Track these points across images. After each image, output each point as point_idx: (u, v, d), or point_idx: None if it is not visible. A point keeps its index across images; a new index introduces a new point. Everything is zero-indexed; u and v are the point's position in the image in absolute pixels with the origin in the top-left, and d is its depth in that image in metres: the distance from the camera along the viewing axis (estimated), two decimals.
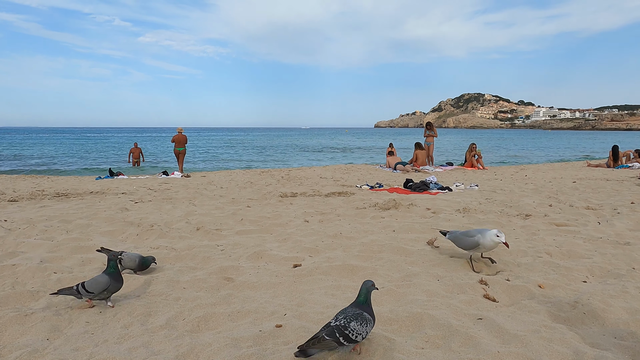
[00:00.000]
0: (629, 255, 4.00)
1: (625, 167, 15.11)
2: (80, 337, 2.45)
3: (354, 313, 2.21)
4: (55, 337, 2.47)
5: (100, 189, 10.17)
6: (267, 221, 5.88)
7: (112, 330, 2.53)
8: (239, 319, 2.72)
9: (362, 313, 2.22)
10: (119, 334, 2.49)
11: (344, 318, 2.19)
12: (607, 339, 2.40)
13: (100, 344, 2.38)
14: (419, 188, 9.36)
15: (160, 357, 2.23)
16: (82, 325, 2.60)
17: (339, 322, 2.17)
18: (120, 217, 6.11)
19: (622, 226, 5.30)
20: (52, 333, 2.50)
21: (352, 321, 2.17)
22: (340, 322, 2.17)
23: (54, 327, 2.57)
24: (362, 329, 2.17)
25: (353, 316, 2.19)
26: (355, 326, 2.15)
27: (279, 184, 11.21)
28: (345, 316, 2.20)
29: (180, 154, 16.15)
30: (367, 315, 2.22)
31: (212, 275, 3.54)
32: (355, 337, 2.15)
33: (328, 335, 2.13)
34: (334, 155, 32.55)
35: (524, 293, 3.10)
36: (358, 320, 2.17)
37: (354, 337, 2.14)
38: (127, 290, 3.24)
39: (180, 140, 16.04)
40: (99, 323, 2.64)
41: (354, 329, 2.14)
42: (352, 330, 2.14)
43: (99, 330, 2.55)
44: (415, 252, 4.21)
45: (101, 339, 2.43)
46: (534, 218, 5.87)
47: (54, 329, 2.54)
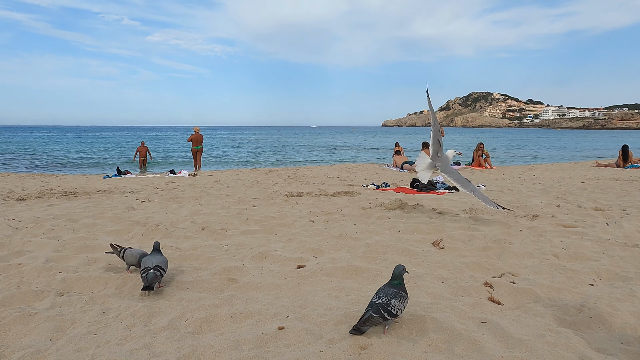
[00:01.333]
0: (638, 257, 3.95)
1: (635, 167, 14.95)
2: (82, 337, 2.46)
3: (392, 292, 2.57)
4: (58, 337, 2.47)
5: (107, 187, 10.23)
6: (273, 221, 5.88)
7: (114, 331, 2.53)
8: (241, 320, 2.71)
9: (399, 292, 2.57)
10: (121, 335, 2.49)
11: (384, 296, 2.55)
12: (614, 344, 2.36)
13: (102, 345, 2.38)
14: (426, 188, 9.32)
15: (161, 358, 2.22)
16: (84, 326, 2.61)
17: (381, 300, 2.53)
18: (127, 217, 6.13)
19: (631, 228, 5.24)
20: (55, 333, 2.51)
21: (392, 299, 2.53)
22: (382, 300, 2.53)
23: (57, 327, 2.58)
24: (401, 304, 2.54)
25: (392, 294, 2.55)
26: (395, 303, 2.52)
27: (285, 183, 11.22)
28: (385, 295, 2.55)
29: (198, 153, 16.96)
30: (402, 293, 2.58)
31: (216, 276, 3.54)
32: (396, 312, 2.52)
33: (375, 313, 2.50)
34: (340, 154, 32.53)
35: (530, 296, 3.07)
36: (397, 298, 2.54)
37: (395, 312, 2.52)
38: (130, 291, 3.25)
39: (197, 140, 16.81)
40: (102, 324, 2.64)
41: (394, 305, 2.51)
42: (393, 306, 2.51)
43: (102, 331, 2.55)
44: (420, 254, 4.18)
45: (103, 340, 2.43)
46: (542, 219, 5.82)
47: (57, 330, 2.55)
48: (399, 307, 2.53)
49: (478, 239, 4.70)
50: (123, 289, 3.28)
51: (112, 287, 3.31)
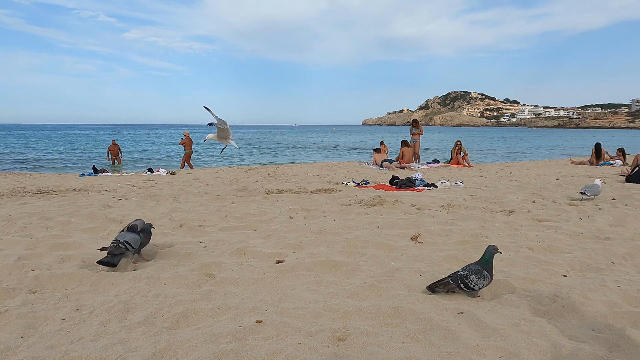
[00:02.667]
0: (609, 249, 4.05)
1: (607, 164, 15.33)
2: (55, 334, 2.40)
3: (476, 269, 2.86)
4: (29, 334, 2.42)
5: (83, 186, 10.02)
6: (252, 218, 5.84)
7: (88, 327, 2.48)
8: (219, 315, 2.69)
9: (482, 270, 2.86)
10: (96, 330, 2.44)
11: (467, 271, 2.87)
12: (585, 332, 2.42)
13: (75, 341, 2.33)
14: (405, 185, 9.39)
15: (136, 354, 2.19)
16: (57, 323, 2.55)
17: (463, 272, 2.87)
18: (102, 214, 6.02)
19: (602, 222, 5.37)
20: (27, 330, 2.45)
21: (473, 274, 2.84)
22: (464, 273, 2.86)
23: (28, 324, 2.51)
24: (480, 281, 2.83)
25: (475, 271, 2.86)
26: (474, 278, 2.83)
27: (265, 181, 11.16)
28: (469, 269, 2.87)
29: (189, 156, 17.86)
30: (485, 272, 2.86)
31: (194, 272, 3.50)
32: (473, 286, 2.84)
33: (452, 280, 2.87)
34: (321, 153, 32.55)
35: (505, 287, 3.12)
36: (477, 275, 2.84)
37: (472, 286, 2.84)
38: (106, 287, 3.19)
39: (189, 143, 17.77)
40: (76, 320, 2.59)
41: (472, 280, 2.83)
42: (472, 280, 2.83)
43: (75, 327, 2.50)
44: (399, 248, 4.21)
45: (77, 336, 2.38)
46: (517, 214, 5.92)
47: (29, 327, 2.49)
48: (477, 282, 2.82)
49: (456, 234, 4.76)
50: (98, 286, 3.22)
51: (86, 284, 3.25)
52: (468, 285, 2.83)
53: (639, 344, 2.22)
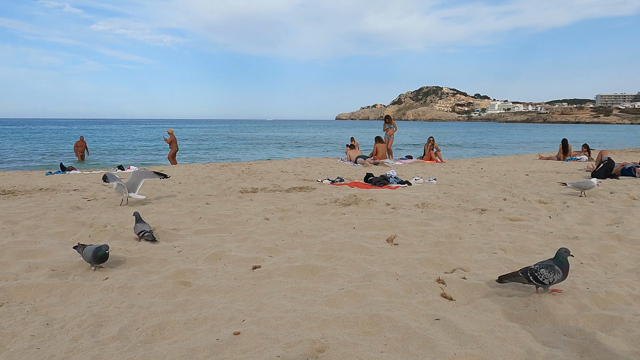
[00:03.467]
0: (577, 250, 4.17)
1: (574, 159, 15.79)
2: (24, 352, 2.32)
3: (547, 264, 2.95)
4: None
5: (50, 185, 9.72)
6: (227, 219, 5.78)
7: (59, 344, 2.41)
8: (196, 326, 2.64)
9: (554, 265, 2.93)
10: (67, 347, 2.37)
11: (539, 265, 2.96)
12: (557, 337, 2.48)
13: (46, 359, 2.25)
14: (379, 182, 9.45)
15: None
16: (26, 340, 2.46)
17: (535, 266, 2.96)
18: (72, 217, 5.86)
19: (571, 220, 5.53)
20: None
21: (543, 268, 2.93)
22: (535, 266, 2.95)
23: None
24: (550, 275, 2.91)
25: (545, 265, 2.94)
26: (544, 272, 2.91)
27: (239, 178, 11.06)
28: (540, 264, 2.97)
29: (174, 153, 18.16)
30: (557, 267, 2.93)
31: (168, 280, 3.44)
32: (543, 279, 2.92)
33: (522, 273, 2.98)
34: (294, 148, 32.46)
35: (480, 291, 3.17)
36: (548, 269, 2.92)
37: (541, 279, 2.92)
38: (77, 299, 3.10)
39: (174, 141, 18.15)
40: (46, 336, 2.50)
41: (542, 273, 2.91)
42: (541, 274, 2.91)
43: (46, 344, 2.42)
44: (375, 250, 4.23)
45: (47, 354, 2.30)
46: (489, 213, 6.04)
47: None
48: (547, 276, 2.89)
49: (430, 234, 4.82)
50: (68, 297, 3.13)
51: (56, 295, 3.15)
52: (537, 278, 2.92)
53: (608, 348, 2.29)
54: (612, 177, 10.03)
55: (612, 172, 10.14)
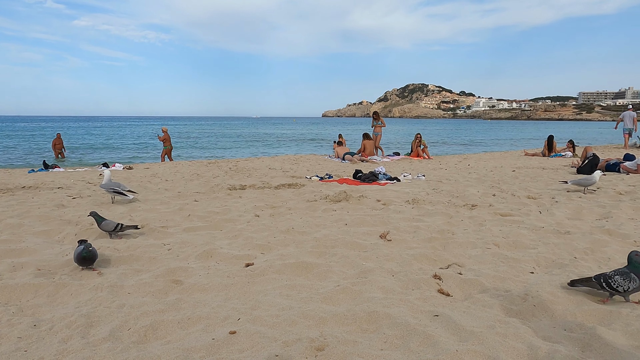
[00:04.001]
0: (570, 244, 4.18)
1: (559, 155, 15.95)
2: (11, 355, 2.22)
3: (623, 271, 2.84)
4: None
5: (33, 183, 9.50)
6: (216, 216, 5.69)
7: (48, 346, 2.31)
8: (190, 326, 2.57)
9: (630, 273, 2.82)
10: (57, 349, 2.27)
11: (614, 272, 2.87)
12: (558, 332, 2.47)
13: None
14: (368, 179, 9.42)
15: None
16: (13, 342, 2.36)
17: (609, 273, 2.88)
18: (57, 215, 5.71)
19: (561, 215, 5.55)
20: None
21: (617, 275, 2.83)
22: (610, 273, 2.87)
23: None
24: (625, 283, 2.79)
25: (620, 273, 2.84)
26: (618, 279, 2.81)
27: (227, 175, 10.94)
28: (616, 271, 2.87)
29: (169, 151, 18.26)
30: (633, 275, 2.80)
31: (159, 278, 3.35)
32: (616, 286, 2.81)
33: (595, 279, 2.90)
34: (282, 145, 32.33)
35: (477, 287, 3.15)
36: (623, 276, 2.81)
37: (614, 286, 2.82)
38: (65, 299, 3.00)
39: (168, 139, 18.22)
40: (33, 338, 2.41)
41: (616, 280, 2.81)
42: (615, 281, 2.81)
43: (34, 346, 2.32)
44: (369, 247, 4.19)
45: (36, 356, 2.21)
46: (480, 208, 6.04)
47: None
48: (621, 284, 2.79)
49: (423, 230, 4.79)
50: (56, 297, 3.03)
51: (43, 296, 3.05)
52: (610, 285, 2.82)
53: (610, 342, 2.28)
54: None
55: (597, 167, 10.26)
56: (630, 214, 5.53)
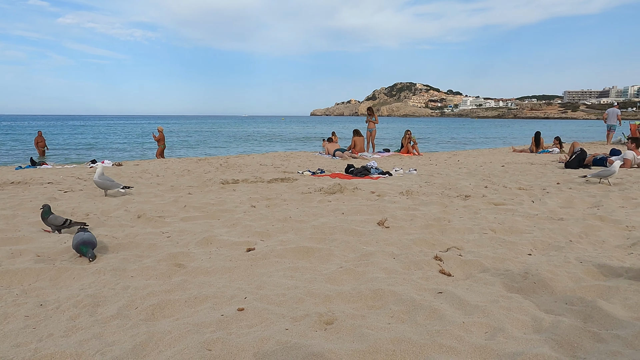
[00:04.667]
0: (565, 229, 4.26)
1: (546, 152, 16.17)
2: (20, 332, 2.22)
3: None
4: None
5: (22, 179, 9.38)
6: (212, 207, 5.69)
7: (57, 323, 2.31)
8: (197, 304, 2.58)
9: None
10: (65, 326, 2.27)
11: None
12: (559, 305, 2.53)
13: (44, 338, 2.16)
14: (361, 173, 9.47)
15: (115, 347, 2.06)
16: (20, 320, 2.36)
17: None
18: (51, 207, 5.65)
19: (553, 204, 5.65)
20: None
21: None
22: None
23: None
24: None
25: None
26: None
27: (218, 171, 10.91)
28: None
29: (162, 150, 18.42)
30: None
31: (162, 262, 3.35)
32: None
33: None
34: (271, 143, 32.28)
35: (477, 267, 3.20)
36: None
37: None
38: (68, 282, 2.99)
39: (162, 138, 18.40)
40: (41, 316, 2.40)
41: None
42: None
43: (42, 324, 2.32)
44: (367, 233, 4.23)
45: (45, 333, 2.21)
46: (474, 198, 6.12)
47: None
48: None
49: (419, 218, 4.85)
50: (58, 281, 3.02)
51: (45, 279, 3.03)
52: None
53: (610, 314, 2.34)
54: (584, 167, 10.31)
55: (584, 162, 10.43)
56: (620, 203, 5.65)
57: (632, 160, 9.91)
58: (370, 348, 2.02)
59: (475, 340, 2.10)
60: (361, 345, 2.04)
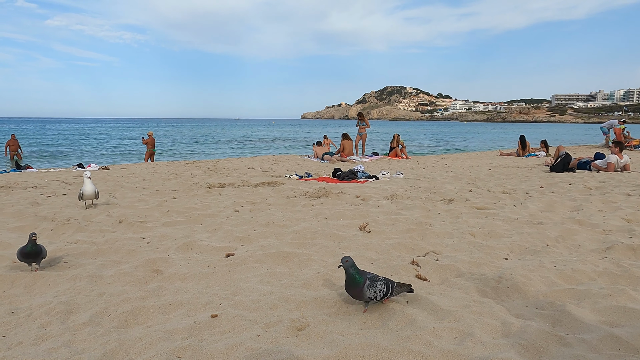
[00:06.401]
0: (543, 233, 4.31)
1: (532, 155, 16.34)
2: None
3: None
4: None
5: (5, 183, 9.29)
6: (196, 212, 5.67)
7: (27, 332, 2.30)
8: (171, 311, 2.58)
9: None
10: (36, 334, 2.26)
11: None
12: (530, 310, 2.56)
13: (13, 346, 2.15)
14: (348, 177, 9.50)
15: (85, 355, 2.05)
16: None
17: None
18: (32, 212, 5.61)
19: (534, 208, 5.71)
20: None
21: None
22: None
23: None
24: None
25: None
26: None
27: (205, 175, 10.89)
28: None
29: (152, 155, 18.42)
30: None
31: (139, 268, 3.34)
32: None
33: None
34: (260, 146, 32.25)
35: (453, 271, 3.23)
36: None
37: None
38: (42, 289, 2.97)
39: (152, 143, 18.39)
40: (12, 324, 2.39)
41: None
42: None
43: (12, 332, 2.30)
44: (348, 238, 4.25)
45: (15, 342, 2.19)
46: (457, 202, 6.16)
47: None
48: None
49: (401, 222, 4.88)
50: (33, 287, 3.00)
51: (20, 286, 3.01)
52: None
53: (579, 318, 2.38)
54: (569, 170, 10.43)
55: (569, 165, 10.55)
56: (599, 207, 5.72)
57: (616, 164, 10.04)
58: (340, 354, 2.03)
59: (444, 345, 2.12)
60: (331, 351, 2.05)
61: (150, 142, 18.18)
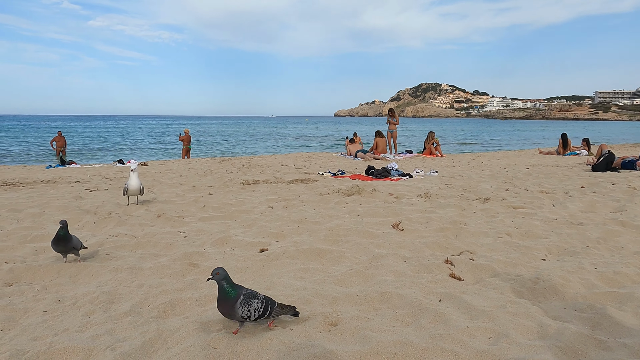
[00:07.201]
0: (583, 234, 4.18)
1: (574, 154, 15.80)
2: (38, 326, 2.33)
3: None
4: (10, 327, 2.33)
5: (51, 177, 9.71)
6: (231, 208, 5.78)
7: (72, 319, 2.41)
8: (207, 303, 2.65)
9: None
10: (80, 322, 2.37)
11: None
12: (568, 312, 2.50)
13: (60, 332, 2.26)
14: (381, 174, 9.45)
15: (125, 343, 2.14)
16: (39, 315, 2.47)
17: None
18: (75, 206, 5.85)
19: (574, 208, 5.54)
20: (7, 323, 2.36)
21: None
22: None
23: (8, 317, 2.43)
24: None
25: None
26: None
27: (240, 171, 11.06)
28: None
29: (189, 151, 18.79)
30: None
31: (177, 262, 3.44)
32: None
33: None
34: (294, 143, 32.45)
35: (488, 271, 3.18)
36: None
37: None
38: (86, 279, 3.11)
39: (187, 140, 18.74)
40: (58, 312, 2.51)
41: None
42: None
43: (58, 319, 2.43)
44: (381, 235, 4.24)
45: (61, 328, 2.31)
46: (493, 202, 6.05)
47: (9, 320, 2.40)
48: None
49: (435, 221, 4.83)
50: (78, 278, 3.14)
51: (65, 276, 3.16)
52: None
53: (620, 321, 2.30)
54: (612, 170, 10.05)
55: (612, 165, 10.16)
56: None
57: None
58: (372, 350, 2.04)
59: (478, 345, 2.10)
60: (363, 347, 2.07)
61: (186, 139, 18.54)
